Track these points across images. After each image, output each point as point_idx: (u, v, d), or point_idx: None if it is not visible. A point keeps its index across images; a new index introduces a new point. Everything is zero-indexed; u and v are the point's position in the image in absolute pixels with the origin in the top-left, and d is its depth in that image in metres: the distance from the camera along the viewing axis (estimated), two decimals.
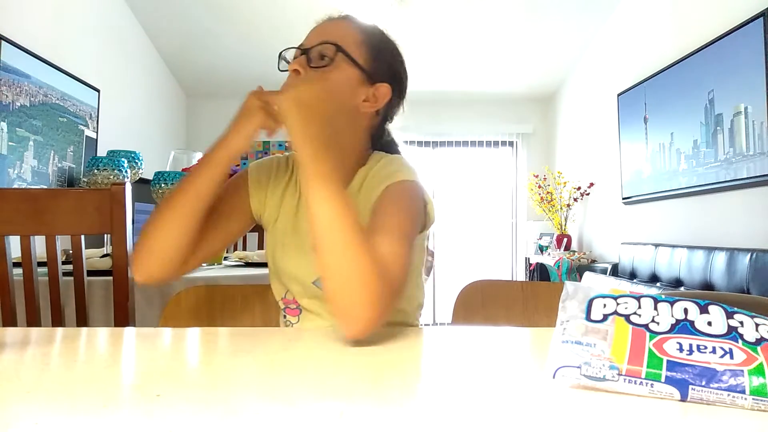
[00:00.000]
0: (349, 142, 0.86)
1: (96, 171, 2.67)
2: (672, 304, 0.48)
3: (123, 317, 1.18)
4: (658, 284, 2.99)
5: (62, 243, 1.24)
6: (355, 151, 0.87)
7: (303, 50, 0.82)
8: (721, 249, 2.53)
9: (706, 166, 2.78)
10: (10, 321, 1.15)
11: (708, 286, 2.56)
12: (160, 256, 0.76)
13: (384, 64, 0.86)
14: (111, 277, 1.20)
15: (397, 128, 0.98)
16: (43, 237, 1.18)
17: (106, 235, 1.62)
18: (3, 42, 2.47)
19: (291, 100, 0.68)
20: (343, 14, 0.88)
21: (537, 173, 4.66)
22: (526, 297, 0.95)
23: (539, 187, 4.47)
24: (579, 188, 4.19)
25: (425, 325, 0.89)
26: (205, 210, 0.77)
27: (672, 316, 0.46)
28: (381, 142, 0.92)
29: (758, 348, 0.42)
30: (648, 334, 0.45)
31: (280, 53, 0.86)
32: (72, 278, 1.20)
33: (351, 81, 0.82)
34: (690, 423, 0.38)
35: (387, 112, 0.90)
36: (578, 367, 0.44)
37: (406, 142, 5.00)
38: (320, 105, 0.70)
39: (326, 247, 0.63)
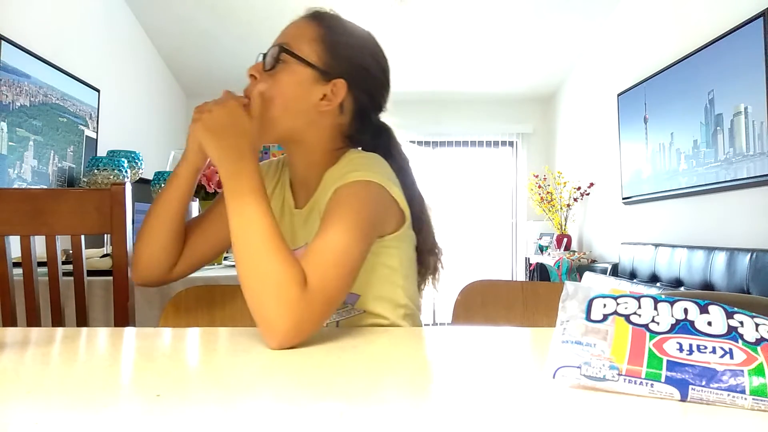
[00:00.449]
0: (313, 142, 0.85)
1: (96, 171, 2.67)
2: (672, 304, 0.48)
3: (123, 317, 1.18)
4: (658, 284, 2.99)
5: (62, 243, 1.24)
6: (320, 151, 0.85)
7: (264, 54, 0.83)
8: (721, 249, 2.53)
9: (706, 166, 2.78)
10: (10, 321, 1.15)
11: (708, 286, 2.56)
12: (149, 261, 0.85)
13: (342, 60, 0.83)
14: (111, 277, 1.20)
15: (397, 128, 0.96)
16: (43, 237, 1.18)
17: (106, 235, 1.62)
18: (3, 42, 2.47)
19: (199, 128, 0.73)
20: (310, 11, 0.86)
21: (537, 173, 4.66)
22: (526, 297, 0.95)
23: (539, 187, 4.47)
24: (579, 188, 4.19)
25: (425, 325, 0.88)
26: (179, 219, 0.85)
27: (672, 316, 0.46)
28: (364, 140, 0.89)
29: (758, 348, 0.42)
30: (648, 334, 0.45)
31: (257, 58, 0.85)
32: (72, 278, 1.20)
33: (302, 81, 0.81)
34: (690, 423, 0.38)
35: (357, 109, 0.86)
36: (578, 367, 0.44)
37: (406, 142, 4.99)
38: (233, 123, 0.72)
39: (240, 258, 0.64)
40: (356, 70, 0.84)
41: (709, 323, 0.45)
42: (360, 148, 0.89)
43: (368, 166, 0.78)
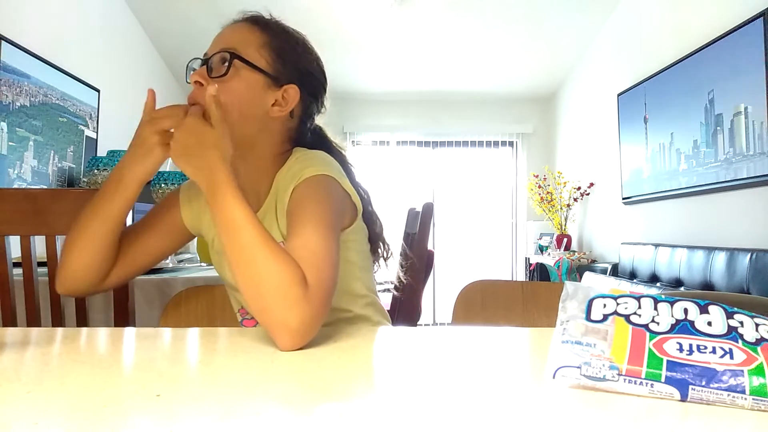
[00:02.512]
0: (264, 147, 0.85)
1: (96, 171, 2.67)
2: (672, 304, 0.48)
3: (123, 317, 1.18)
4: (658, 284, 2.99)
5: (62, 243, 1.24)
6: (270, 156, 0.86)
7: (204, 60, 0.81)
8: (721, 249, 2.53)
9: (706, 166, 2.78)
10: (10, 321, 1.15)
11: (708, 286, 2.56)
12: (78, 273, 0.81)
13: (289, 65, 0.83)
14: None
15: (397, 128, 0.97)
16: (43, 237, 1.17)
17: None
18: (3, 42, 2.47)
19: (173, 157, 0.71)
20: (247, 14, 0.85)
21: (537, 173, 4.66)
22: (526, 297, 0.95)
23: (539, 187, 4.47)
24: (579, 188, 4.19)
25: (425, 325, 0.89)
26: (116, 232, 0.81)
27: (672, 316, 0.46)
28: (305, 142, 0.91)
29: (758, 348, 0.42)
30: (648, 334, 0.45)
31: (188, 64, 0.84)
32: None
33: (254, 87, 0.80)
34: (690, 423, 0.38)
35: (304, 112, 0.88)
36: (578, 367, 0.44)
37: (406, 142, 5.01)
38: (197, 141, 0.70)
39: (239, 266, 0.64)
40: (303, 75, 0.85)
41: (709, 323, 0.45)
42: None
43: (319, 161, 0.80)
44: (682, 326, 0.45)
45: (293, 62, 0.84)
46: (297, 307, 0.58)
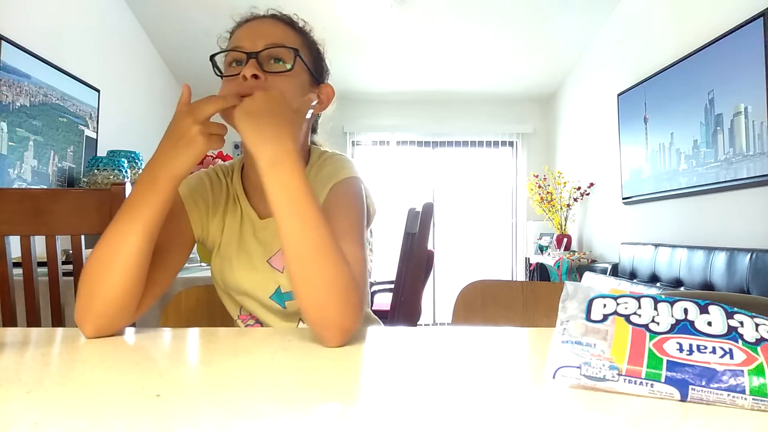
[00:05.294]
0: (302, 144, 0.87)
1: (96, 171, 2.67)
2: (672, 304, 0.48)
3: None
4: (658, 284, 2.98)
5: (62, 243, 1.24)
6: (302, 152, 0.85)
7: (249, 54, 0.76)
8: (721, 249, 2.53)
9: (706, 166, 2.78)
10: (10, 321, 1.15)
11: (708, 286, 2.56)
12: (116, 305, 0.66)
13: (322, 63, 0.87)
14: None
15: (397, 128, 1.00)
16: (43, 237, 1.17)
17: None
18: (3, 42, 2.47)
19: (237, 113, 0.65)
20: (271, 12, 0.85)
21: (537, 173, 4.66)
22: (526, 297, 0.95)
23: (539, 187, 4.47)
24: (579, 188, 4.19)
25: (425, 325, 0.90)
26: (152, 243, 0.69)
27: (672, 316, 0.46)
28: (313, 140, 0.95)
29: (758, 348, 0.42)
30: (648, 334, 0.45)
31: (212, 57, 0.81)
32: (72, 278, 1.20)
33: (305, 84, 0.82)
34: (690, 423, 0.38)
35: (323, 112, 0.93)
36: (578, 367, 0.44)
37: (406, 142, 5.01)
38: (276, 110, 0.66)
39: (298, 259, 0.62)
40: (327, 76, 0.90)
41: (709, 323, 0.45)
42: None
43: (347, 162, 0.84)
44: (682, 326, 0.45)
45: (323, 64, 0.88)
46: (354, 311, 0.61)
